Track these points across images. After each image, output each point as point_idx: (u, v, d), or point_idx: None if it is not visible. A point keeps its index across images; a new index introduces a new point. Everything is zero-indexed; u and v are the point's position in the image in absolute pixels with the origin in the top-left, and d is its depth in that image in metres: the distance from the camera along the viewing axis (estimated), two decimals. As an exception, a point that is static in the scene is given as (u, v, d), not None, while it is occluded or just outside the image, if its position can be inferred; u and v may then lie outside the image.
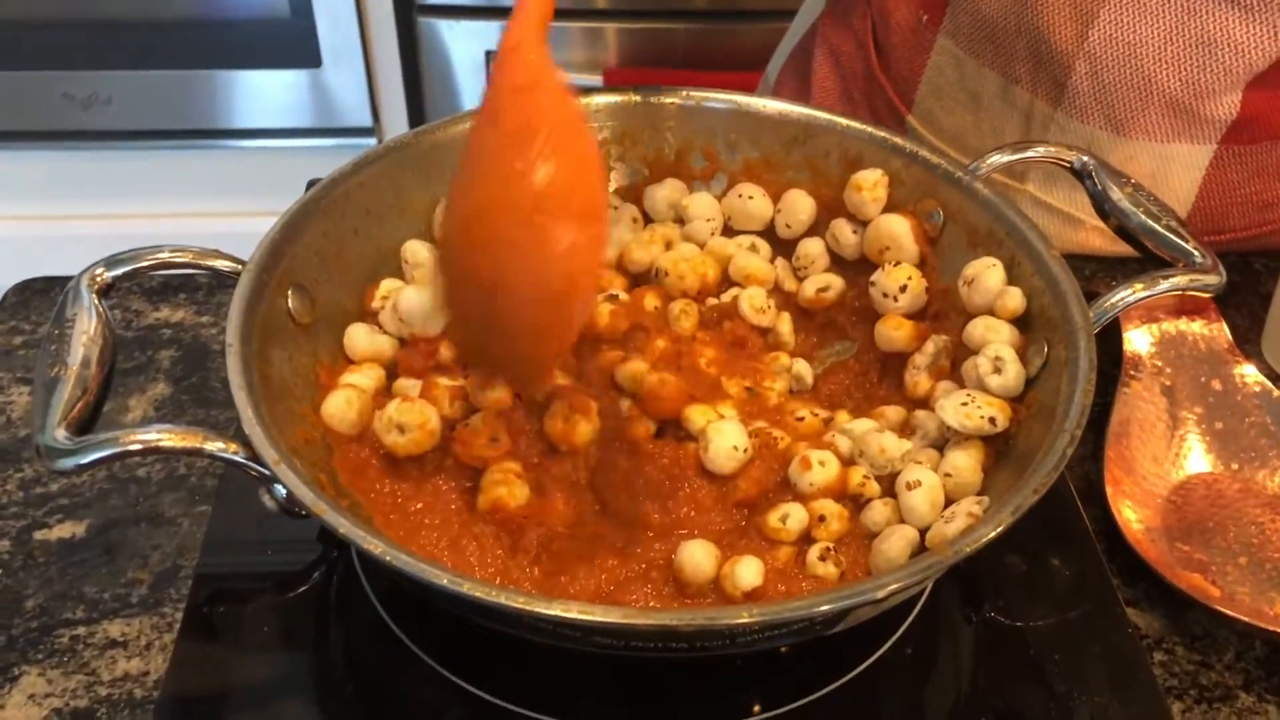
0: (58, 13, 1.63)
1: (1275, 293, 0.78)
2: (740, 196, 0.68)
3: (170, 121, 1.74)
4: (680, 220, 0.69)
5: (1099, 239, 0.83)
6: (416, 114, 1.75)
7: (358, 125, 1.73)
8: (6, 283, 1.32)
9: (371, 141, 1.76)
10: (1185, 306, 0.74)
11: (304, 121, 1.74)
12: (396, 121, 1.75)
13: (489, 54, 1.64)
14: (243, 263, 0.57)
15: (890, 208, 0.65)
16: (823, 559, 0.54)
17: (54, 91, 1.69)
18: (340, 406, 0.56)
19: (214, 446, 0.49)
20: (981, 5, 0.80)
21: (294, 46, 1.65)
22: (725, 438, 0.55)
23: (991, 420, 0.55)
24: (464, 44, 1.64)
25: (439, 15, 1.62)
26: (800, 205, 0.67)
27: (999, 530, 0.45)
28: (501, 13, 1.62)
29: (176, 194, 1.82)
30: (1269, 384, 0.71)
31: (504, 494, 0.55)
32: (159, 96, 1.71)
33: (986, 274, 0.59)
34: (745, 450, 0.56)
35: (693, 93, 0.67)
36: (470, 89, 1.67)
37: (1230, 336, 0.73)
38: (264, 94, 1.71)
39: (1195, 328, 0.74)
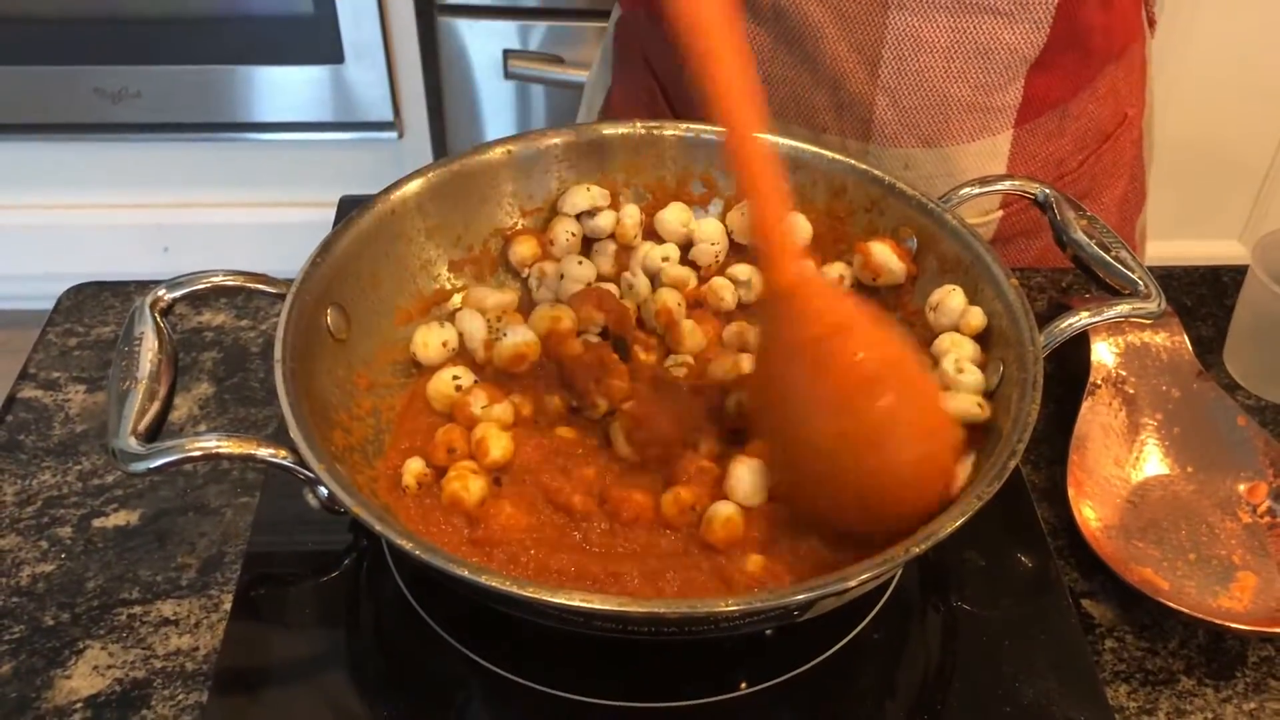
0: (90, 10, 1.67)
1: (1236, 307, 0.83)
2: (744, 214, 0.73)
3: (197, 115, 1.78)
4: (690, 241, 0.74)
5: None
6: (436, 110, 1.78)
7: (379, 120, 1.77)
8: (36, 266, 1.37)
9: (392, 136, 1.79)
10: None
11: (326, 116, 1.78)
12: (416, 117, 1.78)
13: (506, 52, 1.67)
14: (286, 284, 0.62)
15: (870, 235, 0.71)
16: None
17: (86, 86, 1.74)
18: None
19: (265, 453, 0.55)
20: (770, 69, 0.85)
21: (317, 43, 1.69)
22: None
23: (979, 405, 0.60)
24: (482, 42, 1.67)
25: (458, 15, 1.65)
26: (799, 227, 0.72)
27: (943, 534, 0.51)
28: (517, 13, 1.65)
29: (203, 185, 1.87)
30: (1224, 393, 0.76)
31: (459, 488, 0.60)
32: (186, 91, 1.75)
33: (949, 297, 0.65)
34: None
35: (692, 125, 0.73)
36: (488, 86, 1.71)
37: (1191, 348, 0.78)
38: (288, 89, 1.75)
39: (1159, 339, 0.78)
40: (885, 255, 0.68)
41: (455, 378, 0.65)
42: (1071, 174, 0.92)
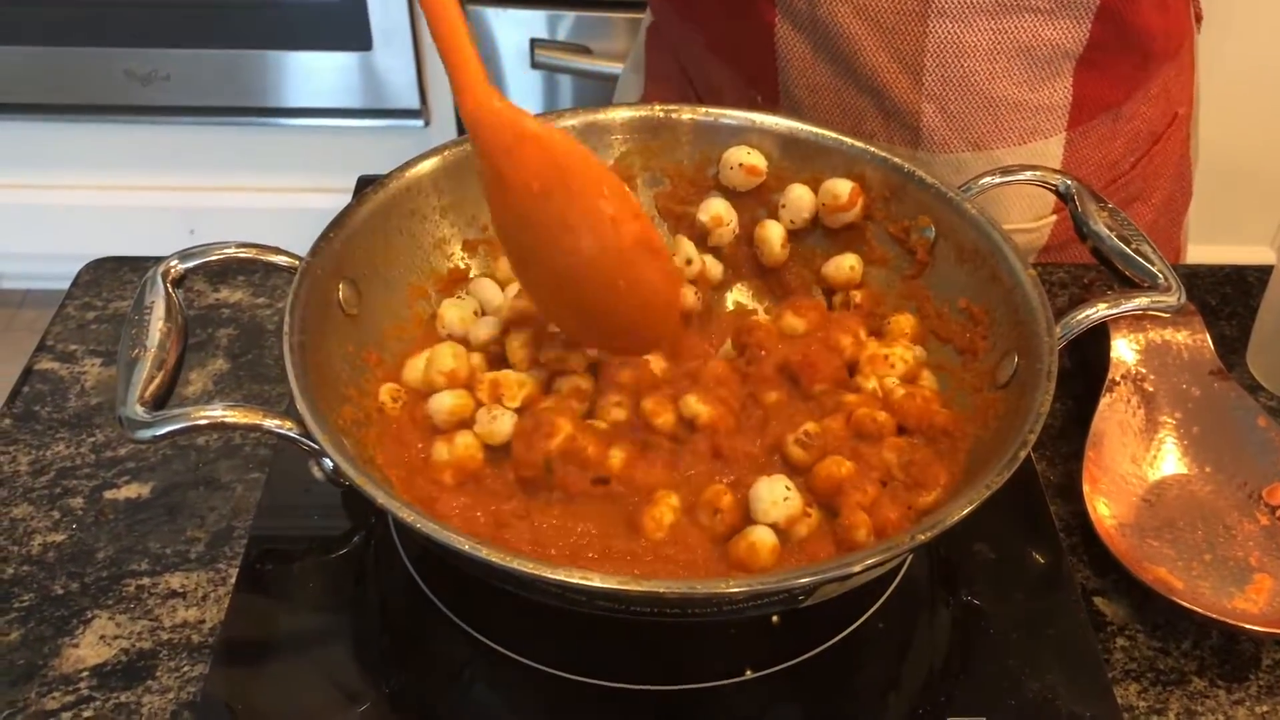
0: (123, -7, 1.69)
1: (1260, 306, 0.82)
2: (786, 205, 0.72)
3: (226, 99, 1.79)
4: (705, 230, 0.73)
5: None
6: (462, 98, 1.80)
7: (406, 107, 1.78)
8: (63, 247, 1.38)
9: (419, 123, 1.80)
10: (1172, 317, 0.77)
11: (354, 102, 1.79)
12: (443, 104, 1.79)
13: (533, 41, 1.67)
14: (299, 258, 0.62)
15: (888, 221, 0.70)
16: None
17: (116, 67, 1.75)
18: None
19: (271, 423, 0.55)
20: (812, 78, 0.84)
21: (346, 29, 1.70)
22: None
23: None
24: (509, 31, 1.68)
25: (486, 3, 1.65)
26: (804, 199, 0.71)
27: (950, 522, 0.50)
28: (545, 2, 1.65)
29: (230, 169, 1.88)
30: (1245, 393, 0.75)
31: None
32: (216, 75, 1.76)
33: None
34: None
35: (710, 110, 0.72)
36: (514, 74, 1.71)
37: (1212, 347, 0.77)
38: (316, 74, 1.76)
39: (1180, 337, 0.77)
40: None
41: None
42: (1124, 177, 0.91)
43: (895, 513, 0.57)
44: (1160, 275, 0.62)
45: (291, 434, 0.55)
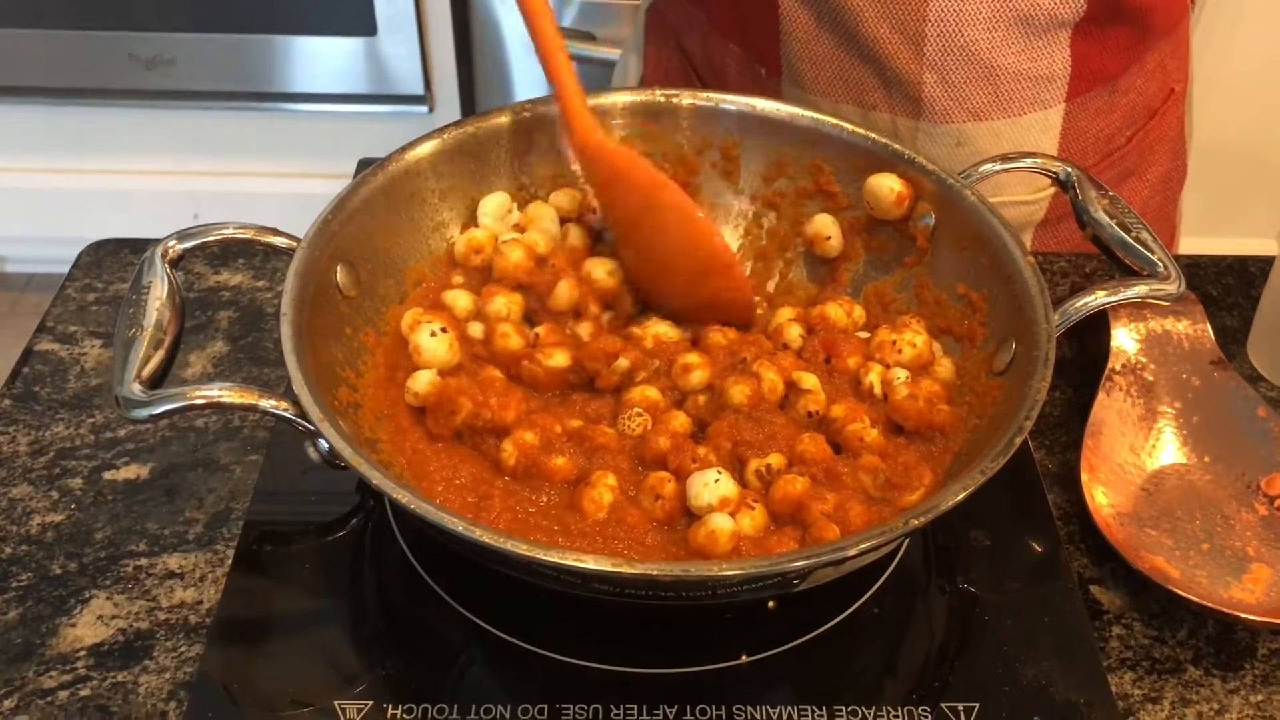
0: (126, -25, 1.68)
1: (1261, 298, 0.82)
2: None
3: (230, 84, 1.79)
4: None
5: None
6: (467, 84, 1.78)
7: (410, 93, 1.78)
8: (67, 231, 1.39)
9: (423, 109, 1.80)
10: (1173, 307, 0.78)
11: (358, 88, 1.78)
12: (447, 91, 1.79)
13: (538, 29, 1.67)
14: (297, 239, 0.62)
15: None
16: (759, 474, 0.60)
17: (120, 51, 1.75)
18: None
19: (267, 404, 0.55)
20: (815, 49, 0.84)
21: (351, 15, 1.70)
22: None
23: None
24: (515, 17, 1.62)
25: (491, -11, 1.65)
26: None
27: (944, 508, 0.50)
28: (552, -11, 1.66)
29: (234, 154, 1.88)
30: (1245, 383, 0.75)
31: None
32: (220, 59, 1.76)
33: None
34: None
35: (711, 94, 0.72)
36: (519, 61, 1.71)
37: (1213, 337, 0.77)
38: (321, 60, 1.76)
39: (1181, 327, 0.77)
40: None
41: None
42: (1119, 150, 0.91)
43: (863, 518, 0.58)
44: (1160, 263, 0.62)
45: (287, 414, 0.55)
